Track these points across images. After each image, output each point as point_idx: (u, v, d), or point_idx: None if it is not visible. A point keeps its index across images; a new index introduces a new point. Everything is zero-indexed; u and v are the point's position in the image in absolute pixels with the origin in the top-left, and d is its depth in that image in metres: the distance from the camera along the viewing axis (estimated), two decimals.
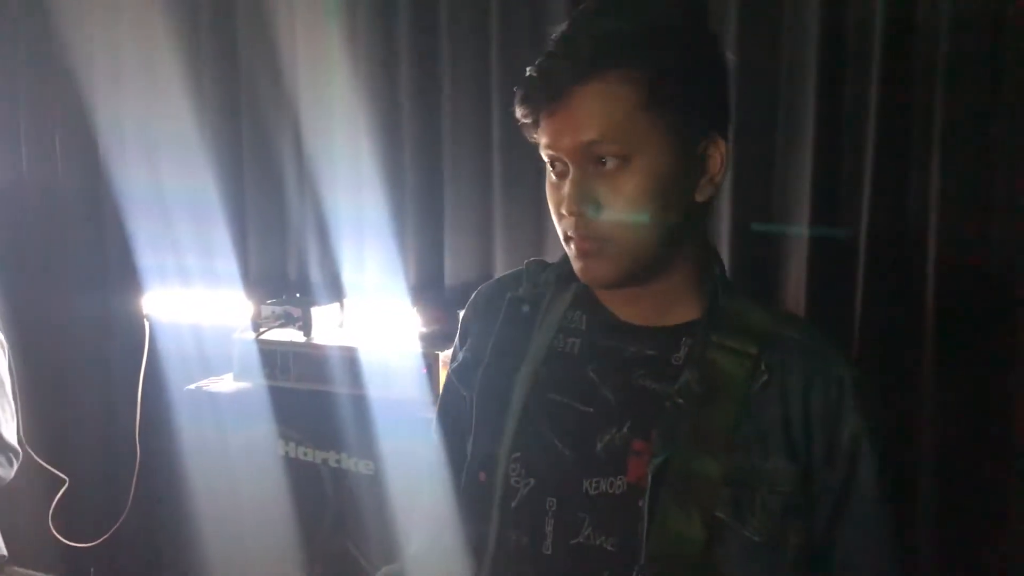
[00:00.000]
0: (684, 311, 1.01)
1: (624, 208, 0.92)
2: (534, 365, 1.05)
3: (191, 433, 2.10)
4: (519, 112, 0.98)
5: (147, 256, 2.36)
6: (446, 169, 2.15)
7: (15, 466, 2.00)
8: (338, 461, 1.86)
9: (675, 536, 0.92)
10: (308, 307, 1.96)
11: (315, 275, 2.16)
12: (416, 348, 1.87)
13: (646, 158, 0.91)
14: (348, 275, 2.08)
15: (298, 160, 2.25)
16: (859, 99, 1.69)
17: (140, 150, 2.46)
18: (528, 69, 0.96)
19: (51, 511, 2.69)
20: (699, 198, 0.96)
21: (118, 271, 2.55)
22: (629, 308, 1.03)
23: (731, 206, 1.83)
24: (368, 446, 1.79)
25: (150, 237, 2.36)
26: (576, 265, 0.98)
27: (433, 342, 1.89)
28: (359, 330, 2.02)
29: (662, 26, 0.93)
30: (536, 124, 0.96)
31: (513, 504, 1.02)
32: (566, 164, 0.95)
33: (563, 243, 1.00)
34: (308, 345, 1.95)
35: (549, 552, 0.99)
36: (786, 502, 0.93)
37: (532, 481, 1.01)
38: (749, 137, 1.75)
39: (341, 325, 2.05)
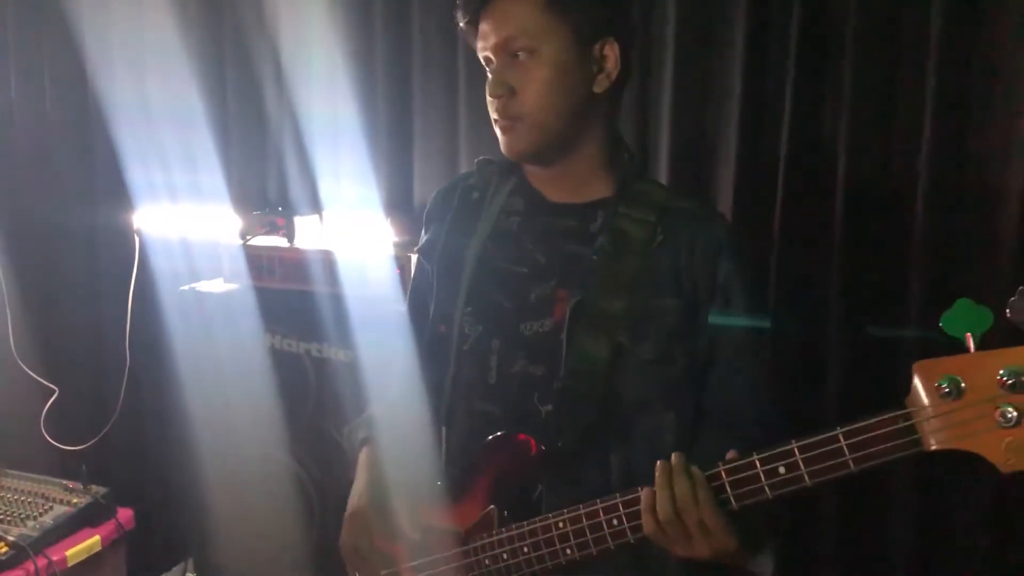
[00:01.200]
0: (598, 189, 1.30)
1: (532, 91, 1.21)
2: (482, 239, 1.34)
3: (184, 332, 2.34)
4: (459, 20, 1.26)
5: (136, 173, 2.58)
6: (416, 99, 2.40)
7: None
8: (320, 351, 2.13)
9: (586, 357, 1.22)
10: (291, 216, 2.21)
11: (296, 190, 2.41)
12: (389, 253, 2.13)
13: (549, 52, 1.20)
14: (326, 190, 2.33)
15: (278, 83, 2.48)
16: (782, 39, 1.96)
17: (127, 71, 2.67)
18: None
19: (42, 418, 2.94)
20: (597, 89, 1.24)
21: (108, 188, 2.77)
22: (554, 188, 1.32)
23: (670, 127, 2.10)
24: (346, 337, 2.05)
25: (139, 155, 2.58)
26: (501, 142, 1.27)
27: (405, 248, 2.15)
28: (337, 238, 2.28)
29: None
30: (474, 31, 1.25)
31: (465, 347, 1.32)
32: (492, 60, 1.24)
33: (493, 125, 1.27)
34: (291, 250, 2.21)
35: (493, 381, 1.29)
36: (671, 330, 1.23)
37: (480, 328, 1.31)
38: (688, 66, 2.03)
39: (321, 233, 2.30)
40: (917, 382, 0.89)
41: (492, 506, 1.26)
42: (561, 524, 1.16)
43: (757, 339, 1.27)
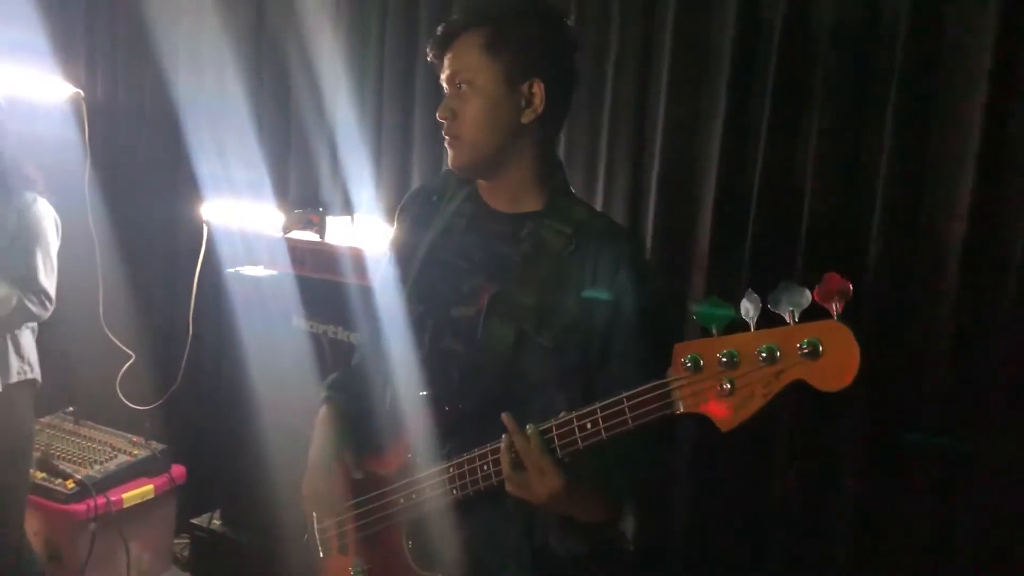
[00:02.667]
0: (531, 202, 1.58)
1: (468, 117, 1.51)
2: (434, 235, 1.65)
3: (229, 310, 2.75)
4: (430, 58, 1.58)
5: (207, 170, 3.03)
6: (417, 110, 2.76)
7: (49, 309, 2.50)
8: (335, 333, 2.50)
9: (494, 338, 1.50)
10: (324, 215, 2.59)
11: (333, 194, 2.81)
12: None
13: (483, 86, 1.49)
14: (358, 196, 2.71)
15: (316, 101, 2.88)
16: (760, 84, 2.21)
17: (194, 77, 3.13)
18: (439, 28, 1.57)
19: (119, 379, 3.42)
20: (524, 120, 1.51)
21: (184, 181, 3.23)
22: (495, 199, 1.61)
23: (659, 160, 2.37)
24: (351, 321, 2.41)
25: (209, 154, 3.03)
26: (448, 156, 1.58)
27: None
28: (364, 237, 2.64)
29: (508, 6, 1.52)
30: (439, 65, 1.57)
31: (407, 323, 1.63)
32: (446, 90, 1.55)
33: None
34: (322, 244, 2.59)
35: (425, 352, 1.59)
36: (569, 324, 1.49)
37: (421, 308, 1.61)
38: (678, 104, 2.31)
39: (351, 232, 2.67)
40: (675, 359, 1.15)
41: (408, 455, 1.57)
42: (451, 469, 1.46)
43: (641, 342, 1.53)
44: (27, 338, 2.51)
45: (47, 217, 2.45)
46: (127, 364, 3.43)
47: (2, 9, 3.30)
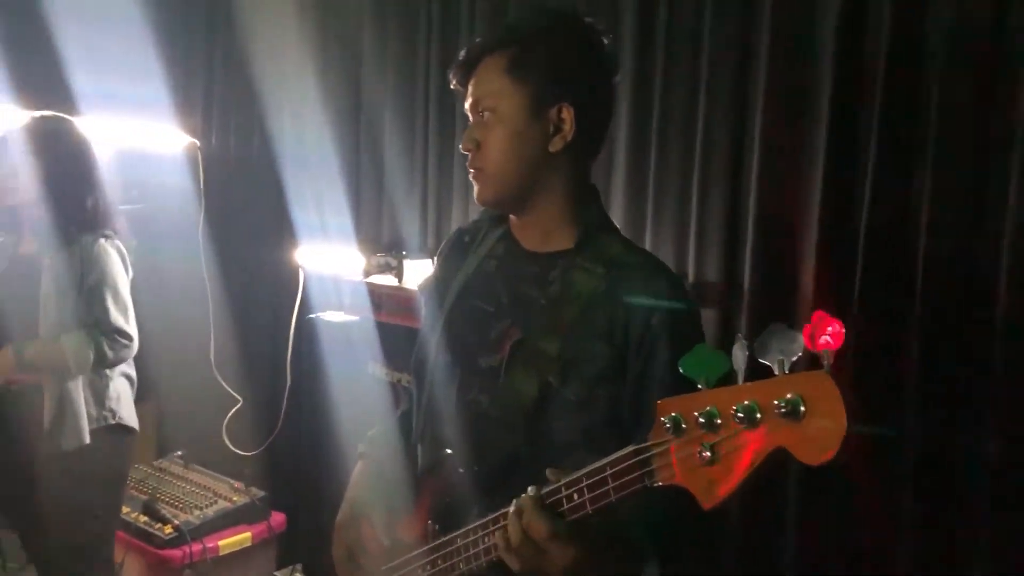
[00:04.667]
0: (562, 240, 1.46)
1: (491, 147, 1.41)
2: (464, 278, 1.56)
3: (320, 355, 2.77)
4: (453, 85, 1.51)
5: (300, 216, 3.11)
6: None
7: (130, 347, 2.46)
8: (409, 382, 2.44)
9: (515, 391, 1.38)
10: (401, 259, 2.57)
11: (413, 236, 2.80)
12: None
13: (506, 112, 1.39)
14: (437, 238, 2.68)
15: (408, 143, 2.90)
16: (866, 113, 2.00)
17: (311, 134, 3.24)
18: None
19: (225, 424, 3.53)
20: (552, 149, 1.40)
21: (285, 228, 3.32)
22: (526, 237, 1.50)
23: (756, 199, 2.19)
24: None
25: (305, 200, 3.10)
26: (474, 190, 1.48)
27: None
28: None
29: (533, 25, 1.43)
30: (463, 93, 1.49)
31: (435, 374, 1.54)
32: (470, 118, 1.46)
33: None
34: (400, 288, 2.56)
35: (452, 407, 1.50)
36: (599, 375, 1.35)
37: (449, 357, 1.52)
38: (775, 137, 2.14)
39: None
40: (656, 419, 0.99)
41: (429, 520, 1.47)
42: (458, 539, 1.35)
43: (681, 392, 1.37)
44: (114, 385, 2.53)
45: (111, 254, 2.45)
46: (234, 409, 3.53)
47: (131, 65, 3.55)
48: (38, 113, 2.40)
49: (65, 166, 2.37)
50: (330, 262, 2.99)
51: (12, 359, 2.34)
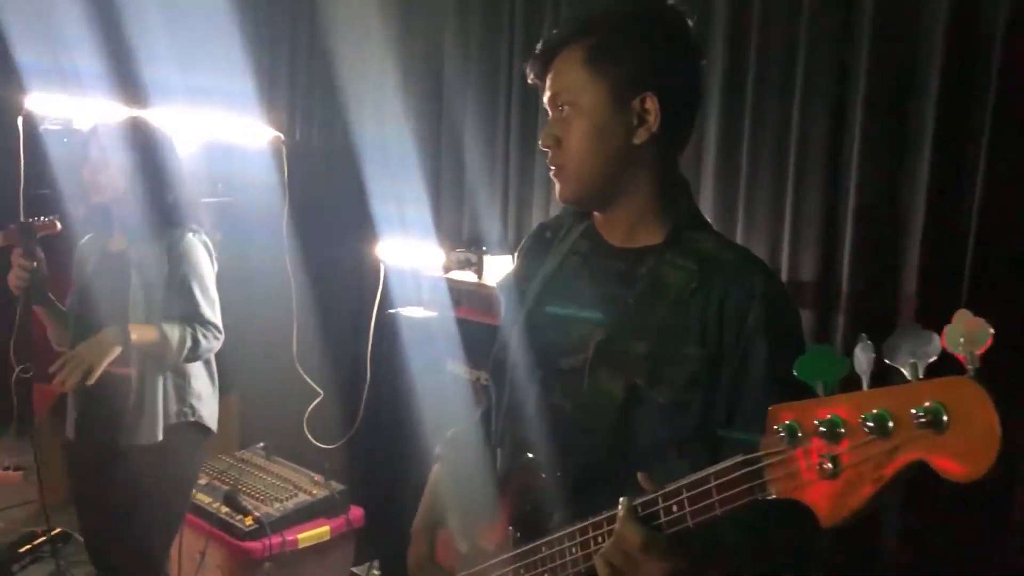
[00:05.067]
0: (650, 235, 1.38)
1: (572, 142, 1.33)
2: (545, 275, 1.49)
3: (400, 350, 2.73)
4: (530, 79, 1.44)
5: (381, 211, 3.08)
6: None
7: (219, 340, 2.43)
8: (487, 380, 2.38)
9: (601, 394, 1.31)
10: (481, 255, 2.51)
11: (494, 232, 2.75)
12: None
13: (587, 105, 1.32)
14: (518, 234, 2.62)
15: (490, 137, 2.85)
16: (978, 97, 1.87)
17: (378, 128, 3.22)
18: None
19: (306, 417, 3.53)
20: (636, 141, 1.32)
21: (366, 222, 3.31)
22: (612, 233, 1.43)
23: (856, 192, 2.07)
24: None
25: (386, 195, 3.08)
26: (555, 189, 1.41)
27: None
28: None
29: (612, 11, 1.35)
30: (541, 87, 1.42)
31: (515, 376, 1.48)
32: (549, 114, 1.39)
33: None
34: (480, 284, 2.51)
35: (532, 411, 1.43)
36: (690, 378, 1.27)
37: (530, 358, 1.45)
38: (876, 130, 2.01)
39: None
40: (768, 426, 0.90)
41: (510, 527, 1.41)
42: (543, 548, 1.28)
43: (780, 398, 1.28)
44: (195, 381, 2.51)
45: (198, 248, 2.45)
46: (315, 402, 3.53)
47: (217, 59, 3.58)
48: (121, 112, 2.41)
49: (148, 161, 2.37)
50: (410, 257, 2.96)
51: (120, 335, 2.29)
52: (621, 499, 1.11)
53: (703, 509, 0.98)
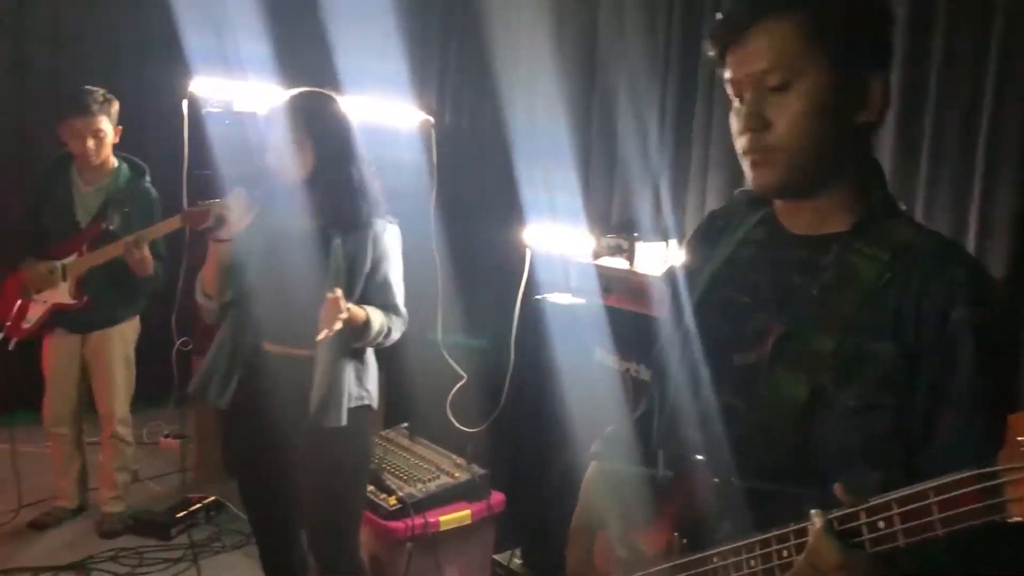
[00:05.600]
0: (836, 223, 1.26)
1: (788, 125, 1.19)
2: (715, 266, 1.39)
3: (546, 337, 2.68)
4: (709, 48, 1.31)
5: (531, 195, 3.03)
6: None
7: (401, 331, 2.45)
8: (637, 371, 2.30)
9: (782, 395, 1.21)
10: (633, 241, 2.42)
11: (646, 218, 2.64)
12: None
13: (809, 84, 1.18)
14: (676, 221, 2.51)
15: (641, 125, 2.74)
16: None
17: (541, 112, 3.15)
18: (717, 14, 1.30)
19: (449, 400, 3.53)
20: (857, 123, 1.20)
21: (512, 205, 3.27)
22: (797, 220, 1.30)
23: None
24: None
25: (535, 179, 3.02)
26: (749, 176, 1.27)
27: None
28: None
29: None
30: (722, 60, 1.29)
31: (682, 372, 1.39)
32: (743, 91, 1.25)
33: (740, 159, 1.30)
34: (631, 272, 2.41)
35: (700, 409, 1.34)
36: (883, 378, 1.15)
37: (699, 354, 1.36)
38: None
39: (665, 261, 2.47)
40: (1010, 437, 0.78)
41: (676, 534, 1.33)
42: (714, 559, 1.19)
43: (989, 405, 1.14)
44: (371, 366, 2.49)
45: (397, 238, 2.44)
46: (458, 385, 3.53)
47: (369, 42, 3.62)
48: (303, 89, 2.32)
49: (335, 142, 2.30)
50: (558, 243, 2.89)
51: (360, 313, 2.24)
52: (814, 511, 1.02)
53: (920, 528, 0.88)
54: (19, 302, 3.47)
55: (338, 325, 2.14)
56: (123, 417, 3.65)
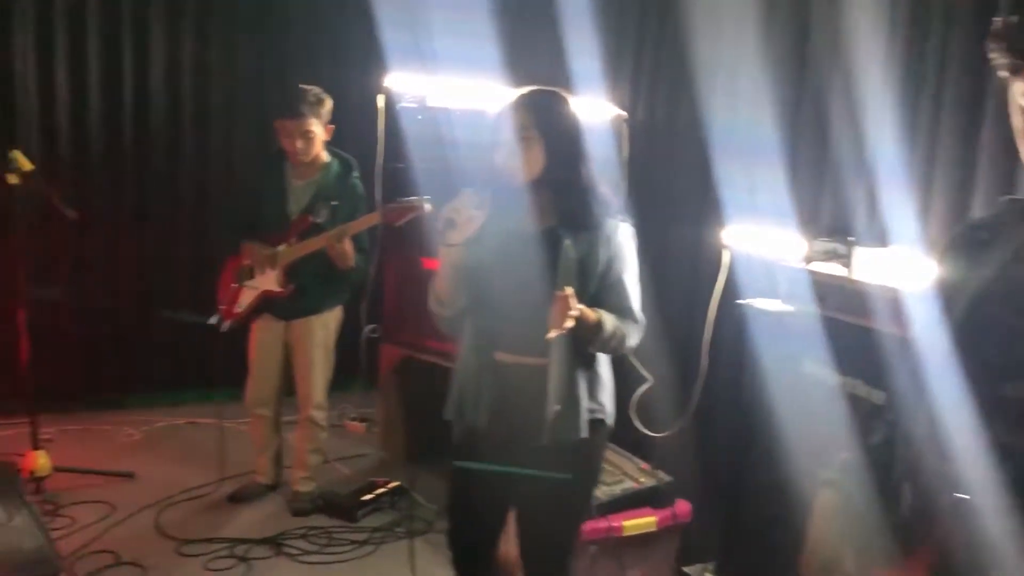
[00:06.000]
0: None
1: None
2: (981, 283, 1.25)
3: (746, 344, 2.55)
4: (998, 57, 1.17)
5: (731, 194, 2.89)
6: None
7: (636, 340, 2.28)
8: (853, 387, 2.13)
9: None
10: (851, 246, 2.24)
11: (866, 223, 2.45)
12: None
13: None
14: (898, 226, 2.31)
15: (856, 126, 2.55)
16: None
17: (745, 109, 3.00)
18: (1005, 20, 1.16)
19: (632, 402, 3.44)
20: None
21: (709, 204, 3.13)
22: None
23: None
24: (881, 378, 2.02)
25: (736, 178, 2.88)
26: None
27: None
28: (900, 272, 2.22)
29: None
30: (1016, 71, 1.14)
31: (938, 399, 1.25)
32: None
33: None
34: (848, 279, 2.24)
35: (962, 444, 1.20)
36: None
37: (962, 381, 1.22)
38: None
39: (885, 267, 2.27)
40: None
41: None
42: None
43: None
44: (605, 378, 2.33)
45: (631, 240, 2.30)
46: (643, 387, 3.43)
47: (565, 37, 3.58)
48: (534, 87, 2.22)
49: (567, 141, 2.19)
50: (762, 245, 2.74)
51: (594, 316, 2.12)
52: None
53: None
54: (233, 288, 3.67)
55: (569, 323, 2.02)
56: (319, 402, 3.78)
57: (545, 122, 2.15)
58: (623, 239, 2.25)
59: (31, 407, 3.74)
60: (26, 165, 3.63)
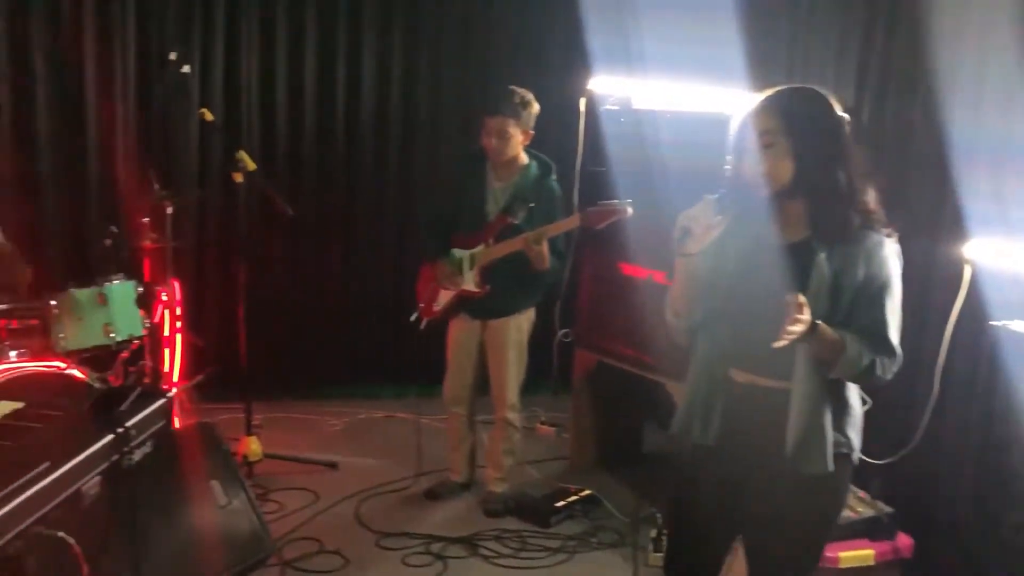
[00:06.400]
0: None
1: None
2: None
3: (994, 369, 2.29)
4: None
5: (971, 203, 2.61)
6: None
7: (893, 371, 2.04)
8: None
9: None
10: None
11: None
12: None
13: None
14: None
15: None
16: None
17: (992, 116, 2.72)
18: None
19: None
20: None
21: (947, 215, 2.86)
22: None
23: None
24: None
25: (975, 185, 2.60)
26: None
27: None
28: None
29: None
30: None
31: None
32: None
33: None
34: None
35: None
36: None
37: None
38: None
39: None
40: None
41: None
42: None
43: None
44: (854, 409, 2.14)
45: (896, 258, 2.04)
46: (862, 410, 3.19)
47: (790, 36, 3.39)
48: (780, 88, 2.03)
49: (819, 143, 1.99)
50: (1016, 260, 2.46)
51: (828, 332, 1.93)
52: None
53: None
54: (432, 286, 3.73)
55: (798, 328, 1.84)
56: (513, 403, 3.77)
57: (794, 125, 1.96)
58: (887, 256, 2.01)
59: (246, 395, 3.94)
60: (251, 165, 3.83)
